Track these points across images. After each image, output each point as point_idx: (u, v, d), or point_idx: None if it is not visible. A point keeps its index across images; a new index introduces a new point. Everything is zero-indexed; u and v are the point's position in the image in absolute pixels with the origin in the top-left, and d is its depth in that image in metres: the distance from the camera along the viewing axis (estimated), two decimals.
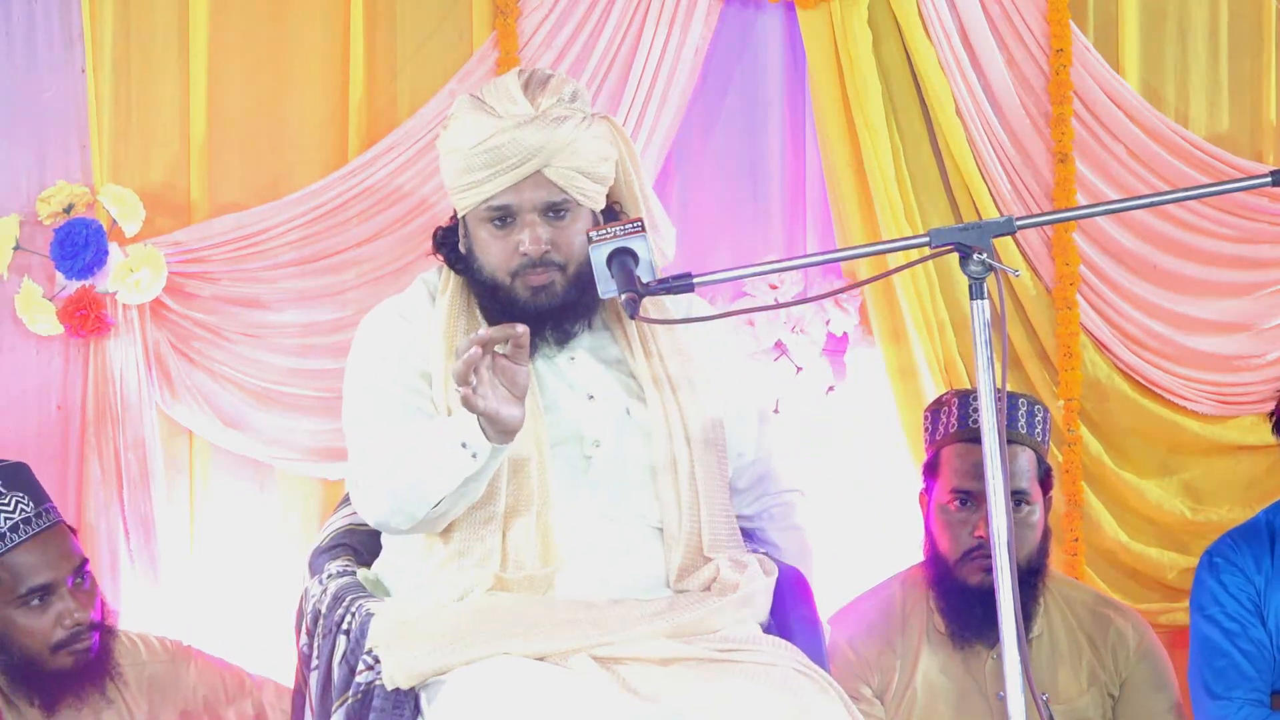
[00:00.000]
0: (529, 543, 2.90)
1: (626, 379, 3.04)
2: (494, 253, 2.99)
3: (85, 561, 3.68)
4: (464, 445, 2.77)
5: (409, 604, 2.92)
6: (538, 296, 2.98)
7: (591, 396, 3.00)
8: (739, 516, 3.13)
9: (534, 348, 2.96)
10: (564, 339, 3.03)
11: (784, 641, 2.90)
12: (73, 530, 3.71)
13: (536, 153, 2.95)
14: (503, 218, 2.98)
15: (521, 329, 2.73)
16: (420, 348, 3.01)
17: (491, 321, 3.00)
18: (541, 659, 2.77)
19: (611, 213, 3.08)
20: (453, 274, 3.09)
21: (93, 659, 3.66)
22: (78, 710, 3.66)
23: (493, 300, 3.02)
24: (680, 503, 2.97)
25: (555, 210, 2.99)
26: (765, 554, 3.13)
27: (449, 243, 3.10)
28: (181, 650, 3.85)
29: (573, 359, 3.03)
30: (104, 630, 3.70)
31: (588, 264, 2.82)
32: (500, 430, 2.75)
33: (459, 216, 3.07)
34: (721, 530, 3.00)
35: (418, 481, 2.83)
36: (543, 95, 3.00)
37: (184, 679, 3.81)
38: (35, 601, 3.61)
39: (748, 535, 3.19)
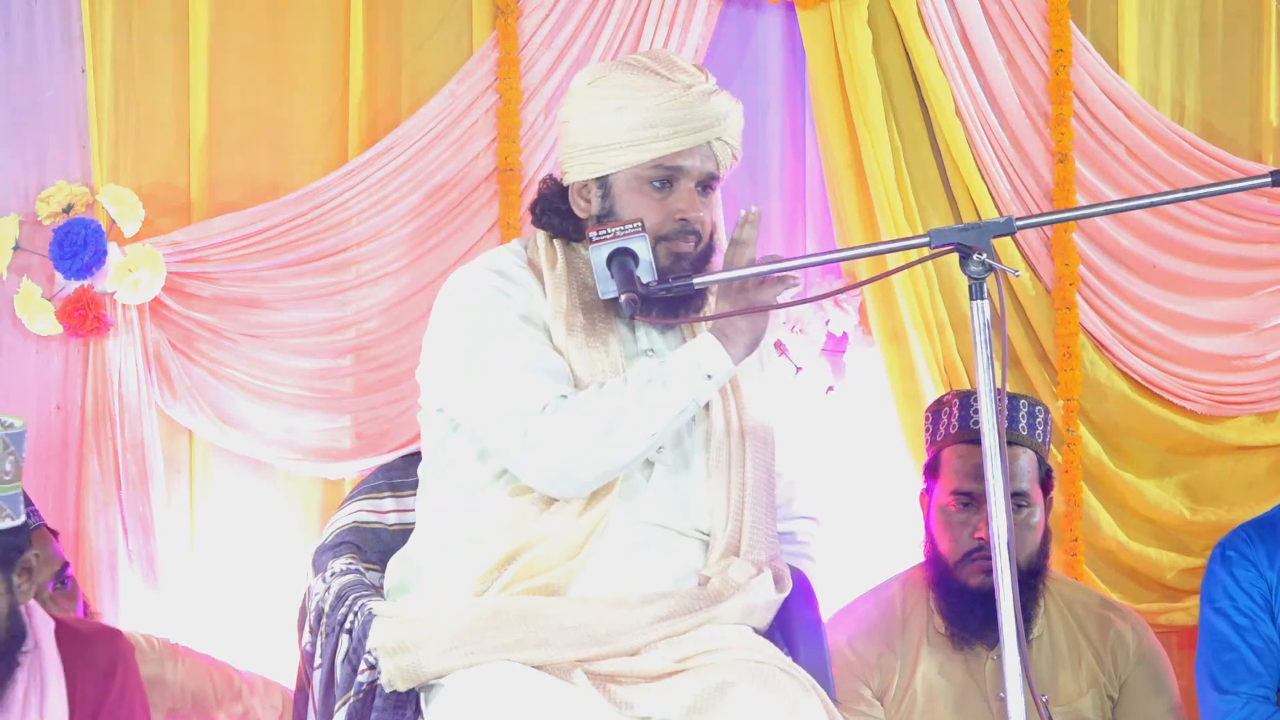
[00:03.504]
0: (571, 537, 2.86)
1: None
2: (650, 215, 2.91)
3: (66, 565, 3.68)
4: (709, 375, 2.81)
5: (410, 605, 2.92)
6: (676, 265, 2.92)
7: None
8: None
9: (622, 324, 2.97)
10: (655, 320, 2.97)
11: (765, 641, 2.90)
12: (54, 534, 3.70)
13: (718, 122, 2.95)
14: (666, 180, 2.95)
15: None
16: (530, 301, 2.94)
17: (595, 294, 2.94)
18: (539, 667, 2.77)
19: None
20: (556, 246, 3.01)
21: None
22: None
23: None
24: (729, 510, 2.95)
25: (707, 186, 2.98)
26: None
27: (556, 211, 3.03)
28: (169, 649, 3.85)
29: (651, 351, 3.00)
30: None
31: (708, 250, 2.91)
32: (753, 335, 2.85)
33: (588, 180, 2.98)
34: (760, 535, 2.97)
35: (637, 412, 2.78)
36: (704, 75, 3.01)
37: (171, 677, 3.81)
38: None
39: None
